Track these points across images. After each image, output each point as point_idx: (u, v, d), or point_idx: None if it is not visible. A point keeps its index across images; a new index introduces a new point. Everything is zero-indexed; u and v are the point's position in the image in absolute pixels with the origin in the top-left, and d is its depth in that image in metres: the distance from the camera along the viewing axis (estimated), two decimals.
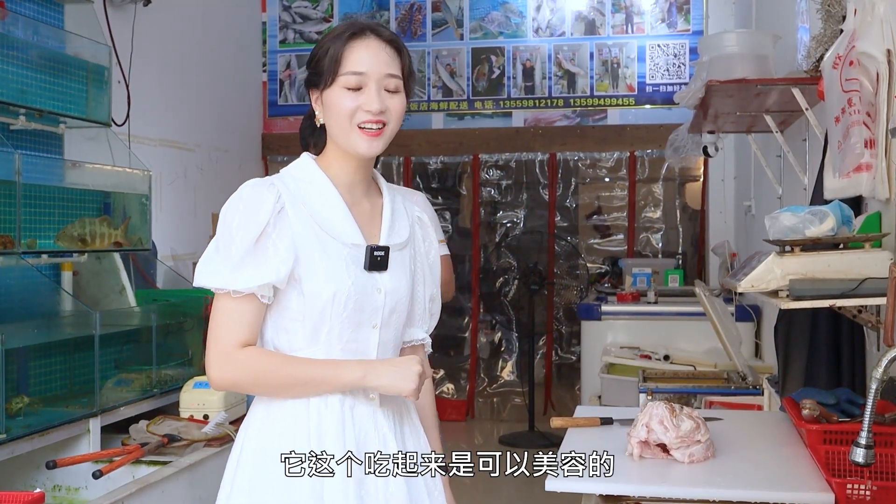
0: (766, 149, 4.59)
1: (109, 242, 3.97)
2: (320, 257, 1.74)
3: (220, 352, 1.72)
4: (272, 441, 1.75)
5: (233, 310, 1.72)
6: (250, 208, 1.72)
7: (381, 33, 1.80)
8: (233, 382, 1.74)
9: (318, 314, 1.74)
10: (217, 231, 1.76)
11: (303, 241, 1.73)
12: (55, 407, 3.53)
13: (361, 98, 1.75)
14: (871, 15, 2.47)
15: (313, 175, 1.82)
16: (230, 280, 1.70)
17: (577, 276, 7.73)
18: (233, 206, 1.74)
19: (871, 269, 2.09)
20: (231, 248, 1.70)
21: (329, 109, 1.78)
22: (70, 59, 4.11)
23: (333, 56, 1.76)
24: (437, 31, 7.24)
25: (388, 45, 1.79)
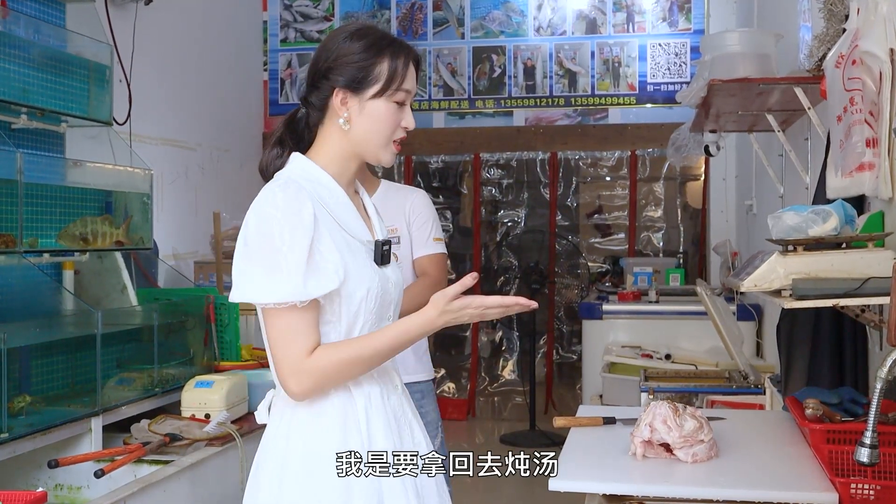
0: (768, 148, 4.58)
1: (111, 241, 3.97)
2: (349, 257, 1.76)
3: (296, 368, 1.71)
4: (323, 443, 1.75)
5: (298, 321, 1.70)
6: (294, 217, 1.69)
7: (417, 54, 1.88)
8: (316, 389, 1.74)
9: (353, 314, 1.78)
10: (250, 243, 1.72)
11: (336, 242, 1.75)
12: (57, 406, 3.52)
13: (401, 114, 1.84)
14: (874, 14, 2.47)
15: (320, 176, 1.82)
16: (302, 292, 1.68)
17: (578, 276, 7.73)
18: (270, 216, 1.70)
19: (875, 269, 2.08)
20: (285, 260, 1.68)
21: (371, 119, 1.81)
22: (71, 57, 4.10)
23: (395, 71, 1.81)
24: (438, 30, 7.24)
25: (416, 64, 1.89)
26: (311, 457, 1.75)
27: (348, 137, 1.83)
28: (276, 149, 1.88)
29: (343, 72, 1.81)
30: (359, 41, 1.82)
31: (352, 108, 1.81)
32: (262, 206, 1.72)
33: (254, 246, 1.71)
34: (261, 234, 1.70)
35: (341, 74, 1.81)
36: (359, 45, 1.81)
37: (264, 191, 1.76)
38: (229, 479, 3.38)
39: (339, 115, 1.82)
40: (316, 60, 1.86)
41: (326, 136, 1.86)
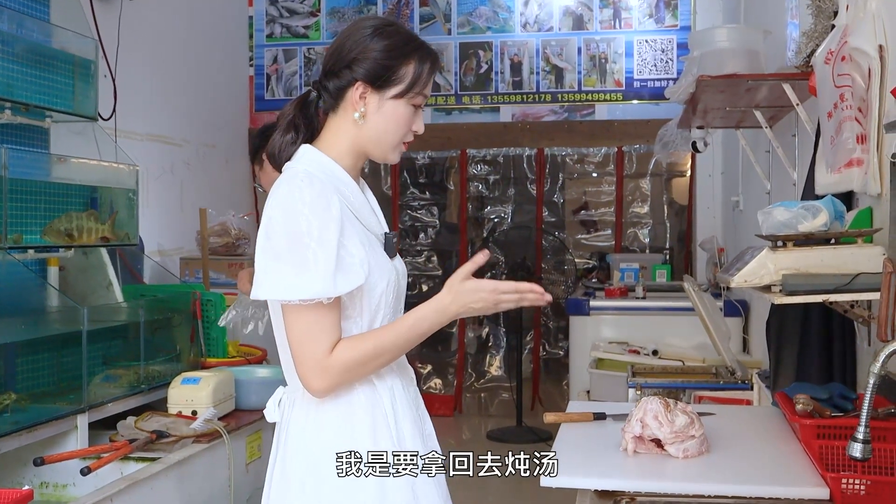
0: (755, 144, 4.60)
1: (96, 237, 3.94)
2: (369, 251, 1.77)
3: (320, 365, 1.69)
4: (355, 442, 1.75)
5: (323, 318, 1.69)
6: (323, 213, 1.68)
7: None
8: (340, 385, 1.73)
9: (374, 307, 1.79)
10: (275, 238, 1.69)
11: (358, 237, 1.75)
12: (42, 403, 3.49)
13: (415, 118, 1.85)
14: (863, 11, 2.48)
15: (335, 170, 1.81)
16: (331, 288, 1.66)
17: (565, 272, 7.73)
18: (298, 212, 1.67)
19: (865, 265, 2.09)
20: (314, 257, 1.66)
21: (388, 118, 1.80)
22: (56, 52, 4.07)
23: (420, 75, 1.81)
24: (424, 26, 7.22)
25: None
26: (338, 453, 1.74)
27: (361, 132, 1.82)
28: (291, 134, 1.84)
29: (367, 65, 1.78)
30: (388, 38, 1.80)
31: (370, 103, 1.80)
32: (289, 202, 1.68)
33: (280, 242, 1.68)
34: (288, 231, 1.67)
35: (365, 68, 1.78)
36: (388, 43, 1.79)
37: (286, 185, 1.72)
38: (217, 477, 3.37)
39: (356, 109, 1.80)
40: (339, 48, 1.82)
41: (337, 127, 1.84)
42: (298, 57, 7.33)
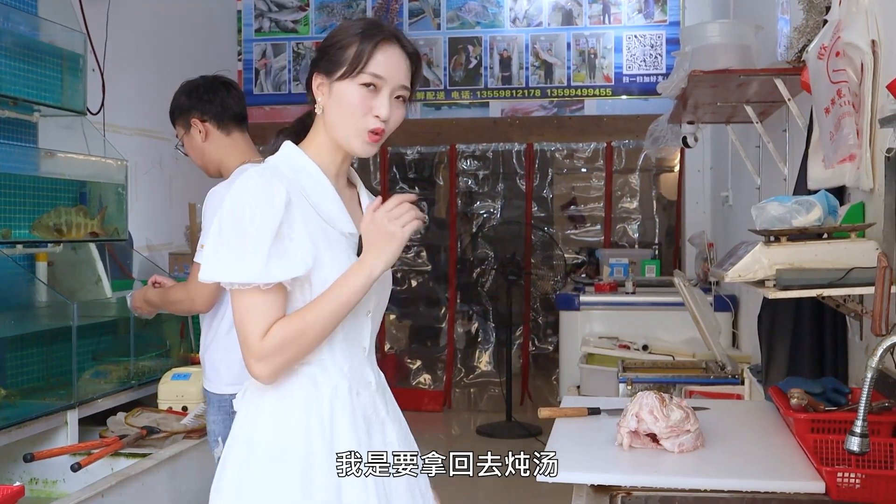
0: (745, 139, 4.60)
1: (86, 232, 3.92)
2: (325, 248, 1.74)
3: (255, 349, 1.69)
4: (287, 437, 1.74)
5: (260, 302, 1.69)
6: (263, 200, 1.68)
7: (406, 45, 1.82)
8: (280, 368, 1.71)
9: None
10: (223, 225, 1.71)
11: (310, 230, 1.73)
12: (32, 399, 3.48)
13: (373, 101, 1.76)
14: (856, 6, 2.48)
15: (305, 165, 1.80)
16: (263, 273, 1.66)
17: (554, 267, 7.75)
18: (242, 198, 1.70)
19: (858, 259, 2.09)
20: (251, 242, 1.66)
21: (337, 101, 1.76)
22: (44, 46, 4.04)
23: (360, 53, 1.75)
24: (413, 21, 7.21)
25: (409, 57, 1.82)
26: (276, 450, 1.73)
27: (326, 124, 1.80)
28: (280, 137, 1.87)
29: (321, 55, 1.80)
30: (344, 26, 1.80)
31: (325, 92, 1.79)
32: (237, 190, 1.71)
33: (226, 228, 1.70)
34: (233, 217, 1.69)
35: (319, 58, 1.80)
36: (339, 29, 1.80)
37: (241, 176, 1.74)
38: (207, 472, 3.34)
39: (318, 101, 1.80)
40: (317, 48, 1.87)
41: (315, 124, 1.84)
42: (287, 51, 7.31)
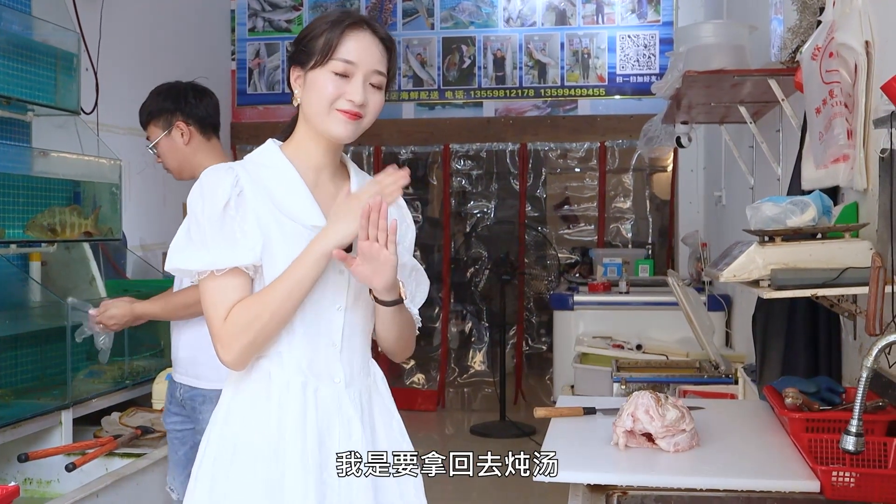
0: (739, 139, 4.62)
1: (79, 232, 3.92)
2: (279, 239, 1.74)
3: (218, 333, 1.72)
4: (233, 429, 1.77)
5: (218, 289, 1.72)
6: (209, 191, 1.74)
7: (378, 30, 1.82)
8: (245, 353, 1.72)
9: None
10: (187, 219, 1.78)
11: (262, 223, 1.74)
12: (26, 399, 3.48)
13: (346, 87, 1.76)
14: (849, 6, 2.49)
15: (273, 159, 1.82)
16: (209, 261, 1.71)
17: (548, 267, 7.76)
18: (195, 192, 1.76)
19: (852, 259, 2.10)
20: (199, 232, 1.72)
21: (311, 90, 1.77)
22: (38, 45, 4.04)
23: (328, 40, 1.76)
24: (407, 21, 7.21)
25: (381, 42, 1.82)
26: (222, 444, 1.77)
27: (303, 114, 1.82)
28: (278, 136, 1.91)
29: (296, 49, 1.82)
30: (315, 20, 1.83)
31: (301, 84, 1.80)
32: (195, 186, 1.77)
33: (186, 221, 1.77)
34: (189, 210, 1.75)
35: (295, 52, 1.82)
36: (311, 23, 1.82)
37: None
38: None
39: (295, 94, 1.82)
40: None
41: (298, 119, 1.86)
42: (281, 51, 7.30)
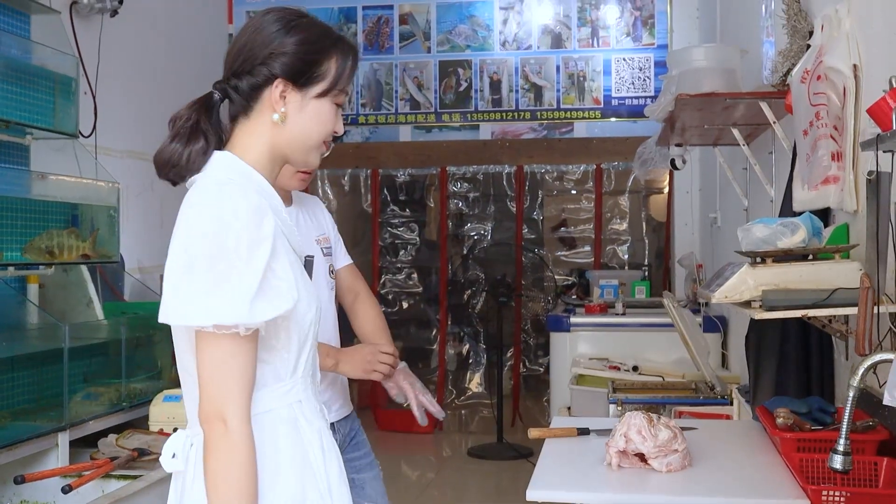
0: (733, 161, 4.65)
1: (77, 255, 3.93)
2: (299, 275, 1.58)
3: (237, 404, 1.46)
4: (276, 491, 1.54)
5: (243, 352, 1.46)
6: (255, 230, 1.47)
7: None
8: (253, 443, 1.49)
9: (303, 338, 1.59)
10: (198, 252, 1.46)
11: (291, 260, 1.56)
12: (23, 421, 3.48)
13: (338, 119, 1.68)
14: (837, 30, 2.53)
15: (260, 181, 1.61)
16: (248, 315, 1.43)
17: (544, 288, 7.78)
18: (228, 226, 1.46)
19: (842, 280, 2.12)
20: (238, 278, 1.43)
21: (312, 119, 1.62)
22: (37, 69, 4.07)
23: (343, 68, 1.65)
24: (404, 44, 7.26)
25: None
26: None
27: (280, 135, 1.62)
28: (201, 142, 1.61)
29: (287, 60, 1.61)
30: (306, 31, 1.64)
31: (291, 103, 1.61)
32: (219, 213, 1.47)
33: (200, 257, 1.45)
34: (214, 245, 1.45)
35: (284, 63, 1.60)
36: (306, 36, 1.63)
37: (214, 194, 1.51)
38: None
39: (275, 110, 1.61)
40: (249, 43, 1.64)
41: (251, 131, 1.63)
42: None
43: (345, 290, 2.77)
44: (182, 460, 1.55)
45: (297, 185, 2.57)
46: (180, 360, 1.60)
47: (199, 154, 1.59)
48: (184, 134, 1.61)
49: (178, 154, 1.59)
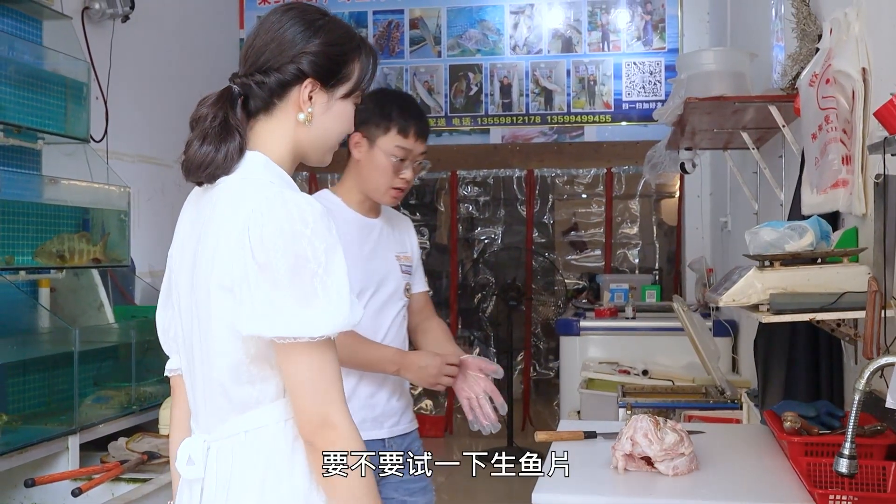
0: (743, 165, 4.64)
1: (88, 259, 3.95)
2: None
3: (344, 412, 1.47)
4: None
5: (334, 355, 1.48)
6: (324, 234, 1.46)
7: None
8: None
9: None
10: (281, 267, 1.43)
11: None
12: (34, 424, 3.50)
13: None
14: (846, 34, 2.52)
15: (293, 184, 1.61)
16: (348, 319, 1.45)
17: (555, 292, 7.77)
18: (299, 234, 1.44)
19: (850, 283, 2.12)
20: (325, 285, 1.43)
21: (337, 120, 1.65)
22: (48, 74, 4.10)
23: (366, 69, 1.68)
24: (414, 49, 7.27)
25: None
26: None
27: (304, 135, 1.61)
28: (237, 139, 1.58)
29: (319, 61, 1.59)
30: (334, 31, 1.62)
31: (318, 103, 1.60)
32: (288, 223, 1.45)
33: (282, 270, 1.43)
34: (292, 255, 1.43)
35: (316, 63, 1.59)
36: (335, 37, 1.62)
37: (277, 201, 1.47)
38: None
39: (301, 109, 1.59)
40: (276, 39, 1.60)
41: (272, 130, 1.61)
42: None
43: (415, 311, 2.72)
44: (201, 467, 1.55)
45: (390, 201, 2.58)
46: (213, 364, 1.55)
47: (236, 152, 1.57)
48: (214, 133, 1.57)
49: (211, 155, 1.57)
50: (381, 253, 2.56)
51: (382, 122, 2.50)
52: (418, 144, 2.54)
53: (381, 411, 2.52)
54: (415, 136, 2.52)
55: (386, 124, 2.50)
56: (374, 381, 2.51)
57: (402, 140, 2.50)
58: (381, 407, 2.53)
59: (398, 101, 2.58)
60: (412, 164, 2.54)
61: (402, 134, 2.50)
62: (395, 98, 2.61)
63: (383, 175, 2.50)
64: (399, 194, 2.55)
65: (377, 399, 2.51)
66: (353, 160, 2.55)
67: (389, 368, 2.46)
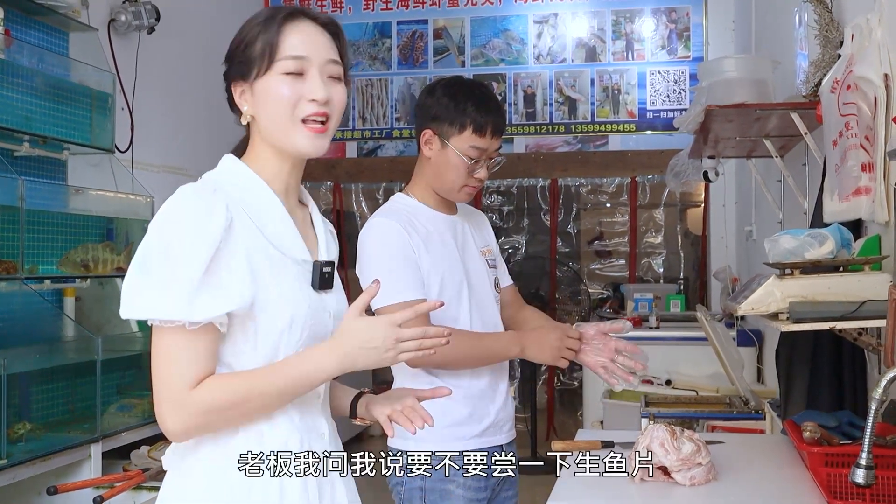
0: (767, 173, 4.60)
1: (112, 268, 3.99)
2: (272, 277, 1.51)
3: (175, 399, 1.44)
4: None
5: (186, 345, 1.43)
6: (198, 222, 1.45)
7: (317, 17, 1.61)
8: (199, 429, 1.48)
9: (272, 345, 1.51)
10: (149, 250, 1.45)
11: (253, 258, 1.50)
12: (57, 432, 3.53)
13: (303, 86, 1.55)
14: (868, 40, 2.49)
15: (250, 181, 1.59)
16: (187, 310, 1.41)
17: (579, 302, 7.74)
18: (173, 219, 1.46)
19: (871, 292, 2.09)
20: (180, 271, 1.42)
21: (264, 100, 1.56)
22: (74, 86, 4.15)
23: (268, 41, 1.56)
24: (438, 59, 7.29)
25: (325, 28, 1.61)
26: None
27: (260, 129, 1.59)
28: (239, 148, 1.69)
29: (231, 63, 1.61)
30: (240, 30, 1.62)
31: (247, 98, 1.59)
32: (170, 210, 1.47)
33: (152, 254, 1.45)
34: (161, 241, 1.45)
35: (230, 66, 1.62)
36: (239, 31, 1.62)
37: (178, 192, 1.49)
38: None
39: (242, 112, 1.61)
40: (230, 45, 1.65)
41: (251, 138, 1.64)
42: None
43: (507, 304, 2.62)
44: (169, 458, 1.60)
45: (463, 198, 2.46)
46: None
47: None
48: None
49: None
50: (469, 249, 2.47)
51: (457, 119, 2.33)
52: (494, 142, 2.38)
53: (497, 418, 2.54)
54: (491, 133, 2.36)
55: (461, 121, 2.34)
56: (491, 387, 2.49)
57: (478, 139, 2.34)
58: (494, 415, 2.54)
59: (474, 95, 2.38)
60: (486, 161, 2.40)
61: (477, 133, 2.34)
62: (470, 92, 2.40)
63: (457, 175, 2.36)
64: (473, 191, 2.44)
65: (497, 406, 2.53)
66: (422, 157, 2.42)
67: (513, 350, 2.36)
